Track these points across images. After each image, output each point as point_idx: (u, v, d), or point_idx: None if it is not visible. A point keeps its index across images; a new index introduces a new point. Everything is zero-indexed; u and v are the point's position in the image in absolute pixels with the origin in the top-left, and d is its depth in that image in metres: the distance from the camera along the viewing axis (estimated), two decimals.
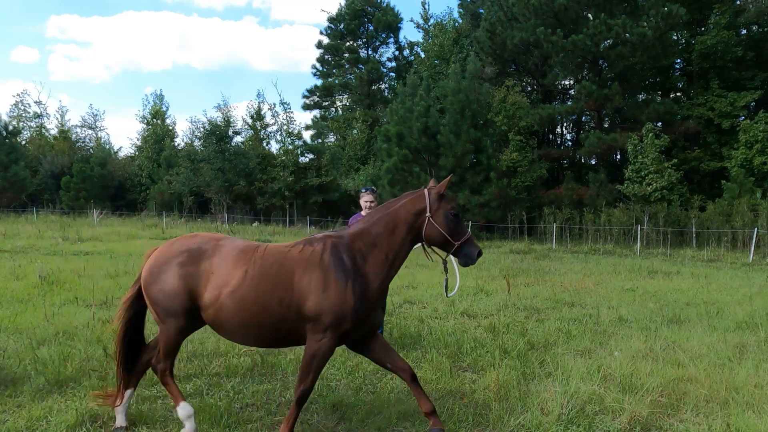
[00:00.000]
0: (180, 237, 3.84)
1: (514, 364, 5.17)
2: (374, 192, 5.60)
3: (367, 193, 5.54)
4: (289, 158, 35.15)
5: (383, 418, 4.02)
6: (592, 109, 27.67)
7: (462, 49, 34.41)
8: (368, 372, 5.09)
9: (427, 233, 3.62)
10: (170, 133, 46.72)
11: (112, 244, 17.73)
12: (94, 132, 51.86)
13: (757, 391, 4.49)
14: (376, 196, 5.63)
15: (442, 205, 3.63)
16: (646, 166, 22.90)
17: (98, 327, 6.44)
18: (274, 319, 3.43)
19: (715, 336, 6.40)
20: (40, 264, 10.81)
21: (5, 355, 5.27)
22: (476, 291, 9.70)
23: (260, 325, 3.46)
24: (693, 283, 11.36)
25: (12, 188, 37.09)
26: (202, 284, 3.52)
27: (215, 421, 3.89)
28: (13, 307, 7.55)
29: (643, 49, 24.48)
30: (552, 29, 25.15)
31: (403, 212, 3.63)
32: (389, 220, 3.62)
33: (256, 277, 3.45)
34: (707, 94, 26.99)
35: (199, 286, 3.52)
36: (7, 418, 3.90)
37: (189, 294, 3.53)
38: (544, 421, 3.93)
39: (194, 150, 38.58)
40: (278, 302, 3.41)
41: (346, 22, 40.29)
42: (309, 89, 43.53)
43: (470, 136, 23.84)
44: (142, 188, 42.89)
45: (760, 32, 28.57)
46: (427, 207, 3.61)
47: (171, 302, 3.54)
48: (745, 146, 23.21)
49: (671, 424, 4.00)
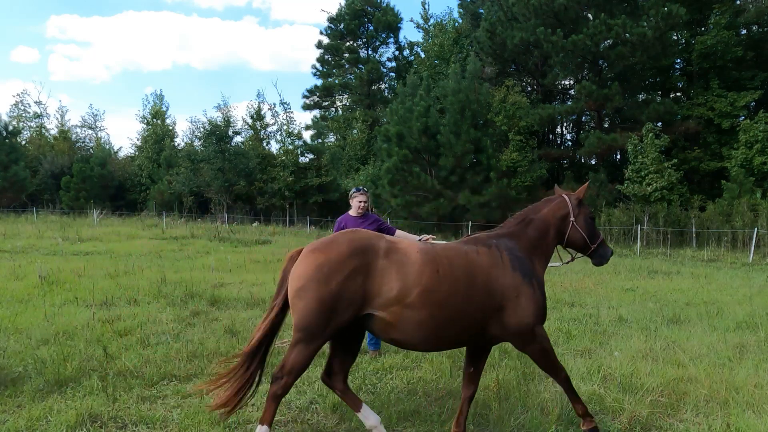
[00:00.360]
0: (336, 235, 3.51)
1: (514, 364, 5.18)
2: (367, 192, 5.64)
3: (361, 193, 5.57)
4: (289, 158, 35.16)
5: (383, 418, 4.02)
6: (592, 109, 27.67)
7: (462, 49, 34.41)
8: (368, 372, 5.09)
9: (570, 236, 3.86)
10: (170, 133, 46.71)
11: (112, 244, 17.73)
12: (94, 132, 51.90)
13: (757, 391, 4.49)
14: (368, 196, 5.66)
15: (582, 210, 3.90)
16: (646, 166, 22.90)
17: (98, 327, 6.44)
18: (465, 320, 3.38)
19: (715, 336, 6.40)
20: (40, 264, 10.81)
21: (5, 355, 5.27)
22: None
23: (450, 326, 3.35)
24: (693, 283, 11.36)
25: (12, 188, 37.09)
26: (379, 284, 3.27)
27: (215, 421, 3.89)
28: (13, 307, 7.55)
29: (643, 49, 24.47)
30: (552, 29, 25.15)
31: (551, 217, 3.84)
32: (542, 225, 3.81)
33: (449, 277, 3.35)
34: (707, 94, 26.98)
35: (375, 287, 3.27)
36: (7, 418, 3.90)
37: (362, 296, 3.26)
38: (544, 421, 3.93)
39: (194, 150, 38.58)
40: (474, 304, 3.37)
41: (346, 22, 40.29)
42: (309, 89, 43.58)
43: (470, 136, 23.84)
44: (142, 188, 42.89)
45: (760, 32, 28.56)
46: (571, 212, 3.86)
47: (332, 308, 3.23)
48: (745, 146, 23.20)
49: (671, 424, 4.00)
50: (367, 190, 5.68)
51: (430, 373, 4.95)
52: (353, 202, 5.59)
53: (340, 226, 5.57)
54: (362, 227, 5.54)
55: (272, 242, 20.49)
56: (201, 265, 12.74)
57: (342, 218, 5.65)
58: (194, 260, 14.05)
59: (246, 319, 7.13)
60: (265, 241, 20.79)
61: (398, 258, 3.34)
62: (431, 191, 24.54)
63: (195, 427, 3.83)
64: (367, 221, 5.60)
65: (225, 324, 6.75)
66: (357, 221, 5.56)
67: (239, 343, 5.95)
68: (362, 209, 5.60)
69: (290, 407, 4.26)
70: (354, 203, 5.58)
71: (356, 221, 5.56)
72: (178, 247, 17.43)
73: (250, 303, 8.19)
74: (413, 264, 3.33)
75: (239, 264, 12.96)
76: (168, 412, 4.11)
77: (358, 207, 5.55)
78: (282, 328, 6.87)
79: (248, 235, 22.60)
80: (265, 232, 25.35)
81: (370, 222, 5.62)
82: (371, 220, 5.64)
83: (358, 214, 5.59)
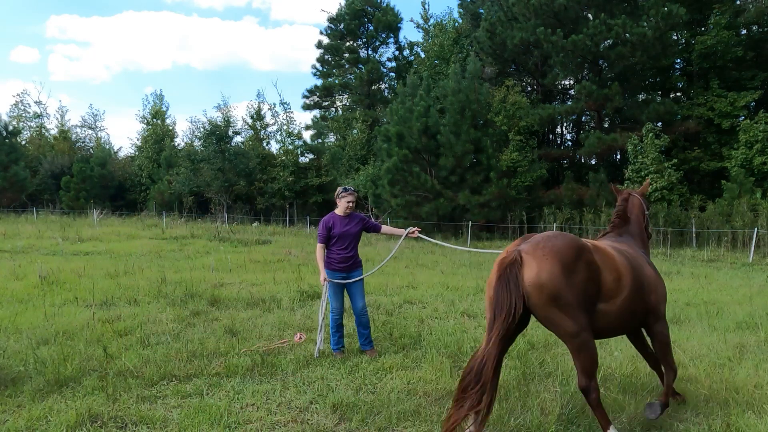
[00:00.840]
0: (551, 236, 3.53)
1: (514, 364, 5.18)
2: (355, 193, 5.74)
3: (350, 193, 5.66)
4: (289, 158, 35.17)
5: (383, 418, 4.02)
6: (592, 109, 27.65)
7: (462, 49, 34.39)
8: (368, 372, 5.09)
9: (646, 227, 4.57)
10: (170, 133, 46.70)
11: (112, 244, 17.73)
12: (94, 132, 51.88)
13: (757, 391, 4.50)
14: (356, 196, 5.76)
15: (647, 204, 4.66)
16: (646, 166, 22.88)
17: (98, 327, 6.45)
18: (638, 310, 3.79)
19: (715, 336, 6.40)
20: (40, 264, 10.81)
21: (5, 355, 5.27)
22: (476, 291, 9.70)
23: (631, 315, 3.74)
24: (693, 283, 11.35)
25: (12, 188, 37.10)
26: (603, 278, 3.52)
27: (215, 421, 3.89)
28: (13, 307, 7.56)
29: (643, 49, 24.46)
30: (552, 29, 25.13)
31: (640, 214, 4.53)
32: (638, 221, 4.49)
33: (633, 269, 3.77)
34: (707, 94, 26.96)
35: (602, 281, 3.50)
36: (7, 418, 3.90)
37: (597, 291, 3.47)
38: (544, 421, 3.93)
39: (194, 150, 38.59)
40: (643, 294, 3.82)
41: (346, 22, 40.26)
42: (309, 89, 43.49)
43: (470, 136, 23.83)
44: (142, 188, 42.88)
45: (760, 32, 28.54)
46: (645, 207, 4.58)
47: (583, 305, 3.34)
48: (745, 146, 23.19)
49: (671, 424, 4.00)
50: (356, 191, 5.79)
51: (430, 373, 4.95)
52: (341, 202, 5.67)
53: (327, 225, 5.65)
54: (350, 225, 5.66)
55: (272, 242, 20.49)
56: (201, 265, 12.74)
57: (329, 217, 5.73)
58: (194, 260, 14.05)
59: (246, 319, 7.14)
60: (265, 241, 20.79)
61: (601, 255, 3.64)
62: (431, 191, 24.54)
63: (195, 427, 3.82)
64: (354, 220, 5.72)
65: (225, 324, 6.75)
66: (344, 220, 5.67)
67: (239, 343, 5.96)
68: (350, 209, 5.70)
69: (290, 407, 4.26)
70: (342, 203, 5.66)
71: (343, 220, 5.67)
72: (178, 247, 17.43)
73: (250, 303, 8.19)
74: (613, 258, 3.69)
75: (239, 264, 12.97)
76: (168, 412, 4.11)
77: (346, 207, 5.66)
78: (282, 329, 6.90)
79: (248, 235, 22.60)
80: (265, 232, 25.36)
81: (357, 221, 5.74)
82: (358, 218, 5.77)
83: (345, 213, 5.69)
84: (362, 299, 5.71)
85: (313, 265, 13.17)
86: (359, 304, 5.68)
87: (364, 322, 5.72)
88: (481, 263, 14.48)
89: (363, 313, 5.70)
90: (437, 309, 8.08)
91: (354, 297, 5.71)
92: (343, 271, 5.63)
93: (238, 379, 4.84)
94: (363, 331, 5.74)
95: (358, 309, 5.69)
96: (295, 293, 8.89)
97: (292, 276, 10.97)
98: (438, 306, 8.29)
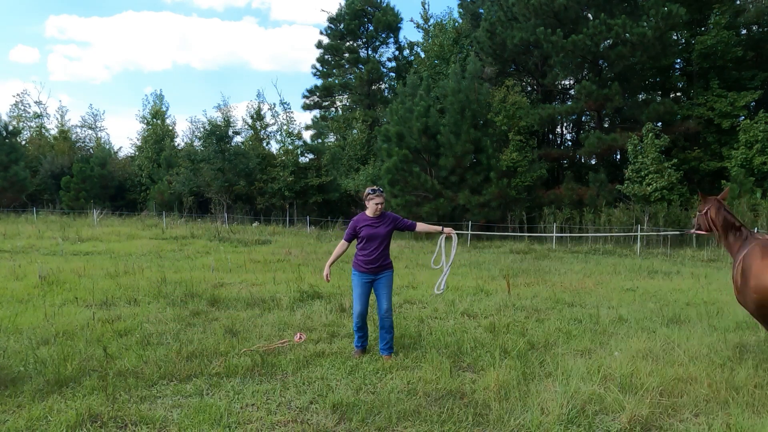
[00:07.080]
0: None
1: (514, 364, 5.17)
2: (383, 194, 5.58)
3: (378, 195, 5.49)
4: (289, 158, 35.13)
5: (383, 418, 4.02)
6: (592, 109, 27.64)
7: (462, 49, 34.38)
8: (368, 372, 5.09)
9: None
10: (170, 133, 46.64)
11: (112, 244, 17.73)
12: (94, 132, 51.79)
13: (757, 391, 4.49)
14: (384, 197, 5.62)
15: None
16: (646, 166, 22.88)
17: (98, 327, 6.45)
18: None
19: (715, 336, 6.40)
20: (40, 264, 10.81)
21: (5, 355, 5.27)
22: (476, 291, 9.70)
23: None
24: (693, 283, 11.35)
25: (12, 188, 37.06)
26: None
27: (215, 421, 3.89)
28: (13, 307, 7.55)
29: (643, 49, 24.45)
30: (552, 29, 25.13)
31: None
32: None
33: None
34: (707, 94, 26.96)
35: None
36: (7, 418, 3.90)
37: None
38: (544, 421, 3.93)
39: (194, 150, 38.53)
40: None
41: (346, 22, 40.26)
42: (309, 89, 43.52)
43: (470, 136, 23.82)
44: (142, 188, 42.85)
45: (760, 32, 28.54)
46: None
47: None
48: (745, 146, 23.19)
49: (671, 424, 3.99)
50: (383, 191, 5.62)
51: (430, 373, 4.95)
52: (370, 204, 5.52)
53: (355, 226, 5.54)
54: (380, 227, 5.51)
55: (272, 242, 20.49)
56: (201, 265, 12.74)
57: (358, 218, 5.61)
58: (194, 260, 14.05)
59: (246, 319, 7.14)
60: (265, 241, 20.79)
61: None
62: (431, 191, 24.53)
63: (195, 427, 3.83)
64: (386, 221, 5.57)
65: (225, 324, 6.75)
66: (375, 221, 5.53)
67: (239, 343, 5.95)
68: (379, 211, 5.54)
69: (290, 407, 4.26)
70: (371, 205, 5.51)
71: (374, 221, 5.53)
72: (178, 247, 17.43)
73: (250, 303, 8.19)
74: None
75: (239, 264, 12.96)
76: (168, 412, 4.10)
77: (375, 209, 5.50)
78: (282, 329, 6.90)
79: (248, 235, 22.59)
80: (265, 232, 25.34)
81: (389, 221, 5.59)
82: (389, 219, 5.61)
83: (375, 214, 5.55)
84: (387, 301, 5.54)
85: (313, 265, 13.17)
86: (384, 306, 5.52)
87: (387, 326, 5.54)
88: (480, 263, 14.48)
89: (387, 315, 5.53)
90: (437, 309, 8.08)
91: (380, 298, 5.54)
92: (371, 272, 5.50)
93: (238, 379, 4.84)
94: (386, 335, 5.56)
95: (383, 311, 5.53)
96: (295, 293, 8.89)
97: (292, 276, 10.97)
98: (438, 306, 8.28)
